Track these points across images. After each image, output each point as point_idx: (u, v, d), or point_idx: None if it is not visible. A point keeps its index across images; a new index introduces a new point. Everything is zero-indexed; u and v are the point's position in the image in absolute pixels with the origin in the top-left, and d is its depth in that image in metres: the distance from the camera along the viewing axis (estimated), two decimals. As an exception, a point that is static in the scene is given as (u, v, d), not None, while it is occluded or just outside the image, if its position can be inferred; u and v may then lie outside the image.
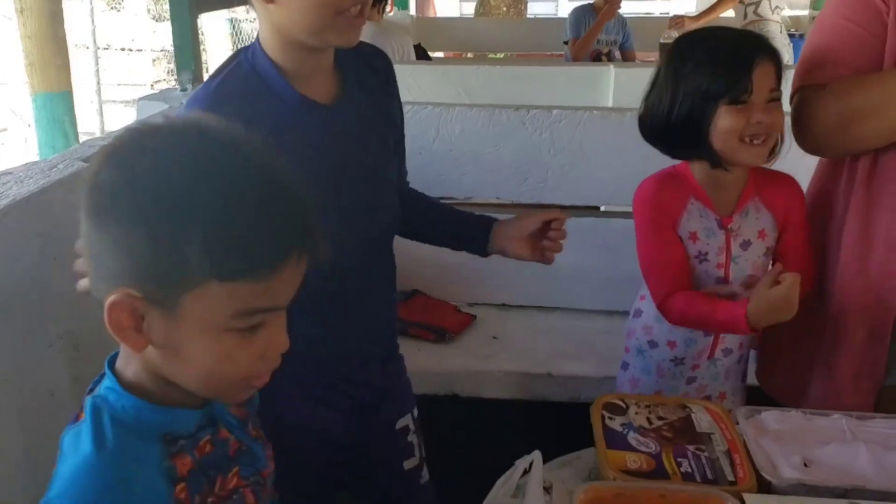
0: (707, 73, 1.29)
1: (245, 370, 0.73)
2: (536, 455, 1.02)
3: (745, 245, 1.39)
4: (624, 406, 1.18)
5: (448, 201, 2.18)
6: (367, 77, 1.25)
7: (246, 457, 0.82)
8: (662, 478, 1.02)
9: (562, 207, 2.16)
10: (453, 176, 2.11)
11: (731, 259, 1.39)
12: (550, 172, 2.09)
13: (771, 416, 1.15)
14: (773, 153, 1.35)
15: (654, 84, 1.36)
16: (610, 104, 2.25)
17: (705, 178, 1.38)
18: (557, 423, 1.71)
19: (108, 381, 0.75)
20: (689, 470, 1.03)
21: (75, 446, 0.71)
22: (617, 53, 4.37)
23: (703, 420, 1.14)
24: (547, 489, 1.05)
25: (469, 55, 6.61)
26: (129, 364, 0.75)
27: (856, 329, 1.35)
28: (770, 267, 1.39)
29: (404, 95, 1.36)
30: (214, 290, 0.67)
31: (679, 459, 1.05)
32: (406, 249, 2.19)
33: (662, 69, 1.35)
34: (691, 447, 1.08)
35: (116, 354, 0.76)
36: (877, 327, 1.33)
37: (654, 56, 4.70)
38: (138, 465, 0.71)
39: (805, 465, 1.03)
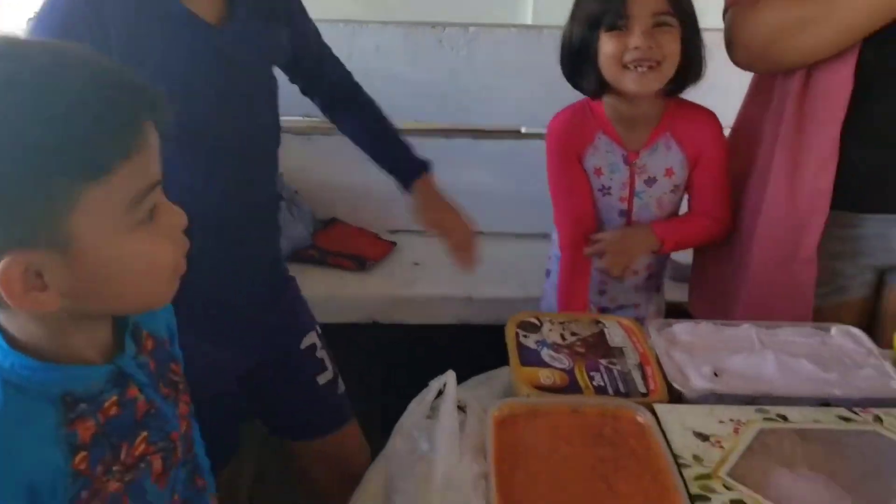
0: (591, 1, 1.28)
1: (168, 257, 0.69)
2: (450, 375, 1.00)
3: (650, 182, 1.39)
4: (538, 324, 1.16)
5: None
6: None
7: (154, 420, 0.75)
8: (575, 392, 1.01)
9: (482, 130, 2.13)
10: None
11: (634, 194, 1.40)
12: (470, 93, 2.04)
13: (683, 328, 1.15)
14: (679, 82, 1.32)
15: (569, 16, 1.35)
16: (529, 21, 2.19)
17: (615, 114, 1.37)
18: (479, 345, 1.70)
19: None
20: (602, 383, 1.03)
21: None
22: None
23: (616, 335, 1.14)
24: (462, 408, 1.03)
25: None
26: (15, 319, 0.67)
27: (784, 249, 1.34)
28: (677, 204, 1.43)
29: (314, 11, 1.30)
30: (94, 196, 0.61)
31: (591, 374, 1.05)
32: (323, 177, 2.14)
33: None
34: (604, 361, 1.08)
35: None
36: (804, 247, 1.32)
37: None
38: (28, 433, 0.64)
39: (715, 374, 1.04)
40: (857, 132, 1.25)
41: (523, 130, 2.33)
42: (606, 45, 1.27)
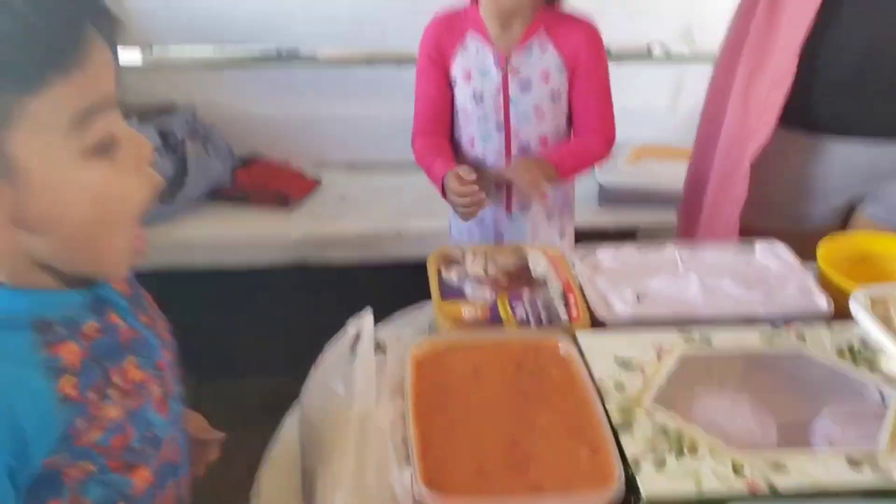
0: None
1: (125, 190, 0.61)
2: (367, 315, 0.96)
3: (525, 86, 1.34)
4: (461, 257, 1.12)
5: (275, 53, 2.02)
6: None
7: (140, 347, 0.71)
8: (498, 325, 0.98)
9: (403, 56, 2.04)
10: (278, 22, 1.93)
11: (509, 101, 1.35)
12: (391, 19, 1.94)
13: (606, 254, 1.13)
14: None
15: None
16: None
17: (490, 12, 1.31)
18: (407, 282, 1.66)
19: None
20: (524, 315, 1.00)
21: None
22: None
23: (539, 264, 1.11)
24: (381, 348, 1.00)
25: None
26: None
27: (730, 163, 1.35)
28: (560, 116, 1.37)
29: None
30: (31, 112, 0.55)
31: (513, 304, 1.02)
32: (240, 111, 2.04)
33: None
34: (526, 291, 1.05)
35: None
36: (743, 161, 1.32)
37: None
38: (3, 359, 0.59)
39: (638, 299, 1.02)
40: (819, 52, 1.22)
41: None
42: None
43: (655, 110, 2.08)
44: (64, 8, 0.57)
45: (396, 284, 1.82)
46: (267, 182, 1.95)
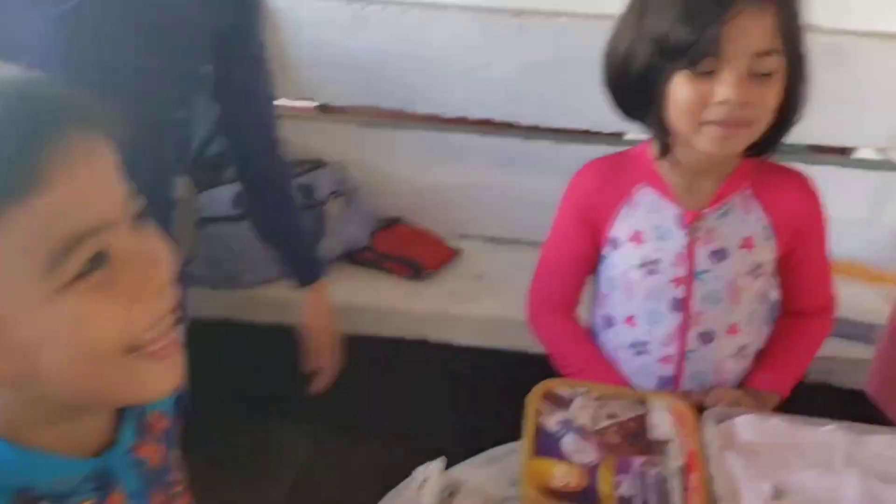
0: (668, 15, 0.90)
1: (117, 330, 0.48)
2: (437, 465, 0.83)
3: (719, 255, 1.03)
4: (569, 397, 0.97)
5: (435, 119, 1.95)
6: None
7: None
8: (592, 501, 0.82)
9: (566, 131, 1.91)
10: (441, 90, 1.86)
11: (694, 274, 1.04)
12: (551, 92, 1.82)
13: (747, 423, 0.93)
14: (764, 147, 0.99)
15: (623, 14, 0.99)
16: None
17: (676, 163, 1.03)
18: (532, 379, 1.53)
19: None
20: (629, 493, 0.83)
21: None
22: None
23: (662, 422, 0.93)
24: (453, 491, 0.86)
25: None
26: None
27: None
28: (759, 296, 1.06)
29: None
30: None
31: (620, 476, 0.85)
32: (388, 170, 1.99)
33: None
34: (639, 459, 0.88)
35: None
36: None
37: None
38: None
39: (775, 495, 0.82)
40: None
41: (628, 136, 2.09)
42: (682, 90, 0.92)
43: (853, 222, 1.80)
44: (15, 118, 0.45)
45: (520, 380, 1.69)
46: (404, 248, 1.88)
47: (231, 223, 1.72)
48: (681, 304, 1.06)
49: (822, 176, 1.80)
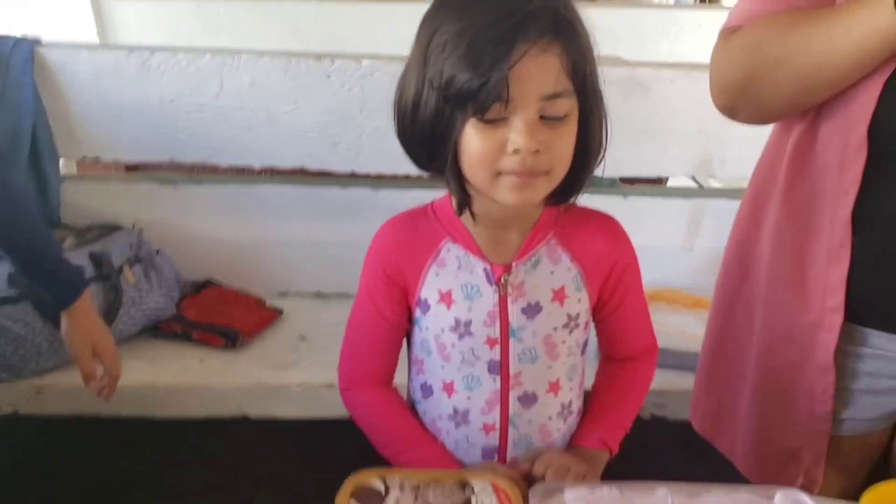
0: (451, 60, 0.80)
1: None
2: None
3: (532, 310, 0.96)
4: (383, 490, 0.86)
5: (244, 171, 1.82)
6: None
7: None
8: None
9: (380, 176, 1.83)
10: (245, 140, 1.72)
11: (508, 333, 0.96)
12: (365, 137, 1.73)
13: (576, 497, 0.85)
14: (567, 193, 0.92)
15: (409, 58, 0.88)
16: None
17: (478, 217, 0.93)
18: (369, 447, 1.41)
19: None
20: None
21: None
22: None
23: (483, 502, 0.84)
24: None
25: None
26: None
27: (790, 356, 1.05)
28: (576, 349, 1.00)
29: (209, 35, 1.01)
30: None
31: (439, 583, 0.74)
32: (193, 229, 1.83)
33: (419, 30, 0.87)
34: (461, 556, 0.78)
35: None
36: (820, 352, 1.02)
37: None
38: None
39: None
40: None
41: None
42: (474, 140, 0.83)
43: (671, 250, 1.82)
44: None
45: (350, 451, 1.57)
46: (216, 315, 1.71)
47: (8, 305, 1.50)
48: (498, 367, 0.98)
49: (637, 207, 1.85)
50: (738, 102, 0.99)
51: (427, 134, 0.86)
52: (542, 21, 0.80)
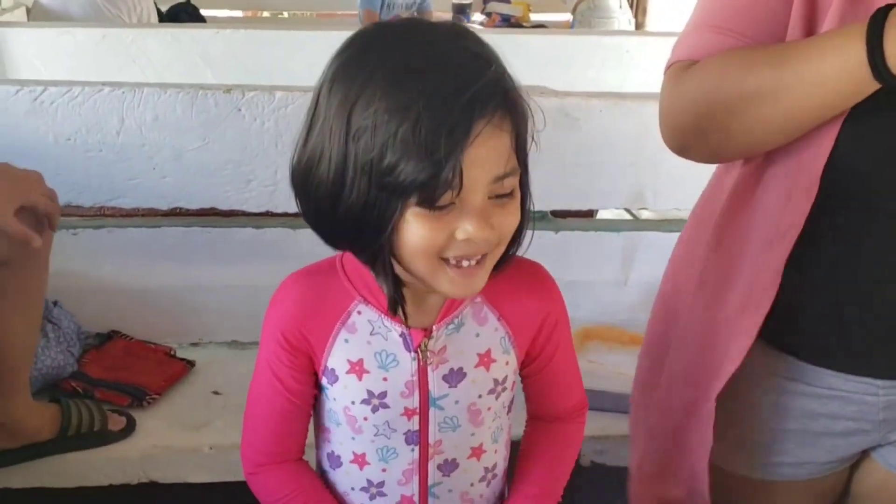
0: (391, 146, 0.69)
1: None
2: None
3: (455, 377, 0.87)
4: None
5: (145, 213, 1.70)
6: None
7: None
8: None
9: (298, 215, 1.72)
10: (149, 179, 1.60)
11: (428, 403, 0.87)
12: (280, 173, 1.63)
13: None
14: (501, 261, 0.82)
15: (319, 126, 0.74)
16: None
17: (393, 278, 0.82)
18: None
19: None
20: None
21: None
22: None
23: None
24: None
25: (265, 14, 6.05)
26: None
27: (686, 397, 1.02)
28: (502, 410, 0.91)
29: (128, 70, 0.88)
30: None
31: None
32: (93, 278, 1.69)
33: (320, 91, 0.75)
34: None
35: None
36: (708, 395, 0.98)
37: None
38: None
39: None
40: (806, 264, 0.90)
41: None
42: (416, 229, 0.73)
43: (605, 284, 1.76)
44: None
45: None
46: (121, 370, 1.57)
47: None
48: (416, 437, 0.88)
49: (569, 241, 1.78)
50: (692, 144, 0.93)
51: (352, 219, 0.74)
52: (495, 96, 0.71)
